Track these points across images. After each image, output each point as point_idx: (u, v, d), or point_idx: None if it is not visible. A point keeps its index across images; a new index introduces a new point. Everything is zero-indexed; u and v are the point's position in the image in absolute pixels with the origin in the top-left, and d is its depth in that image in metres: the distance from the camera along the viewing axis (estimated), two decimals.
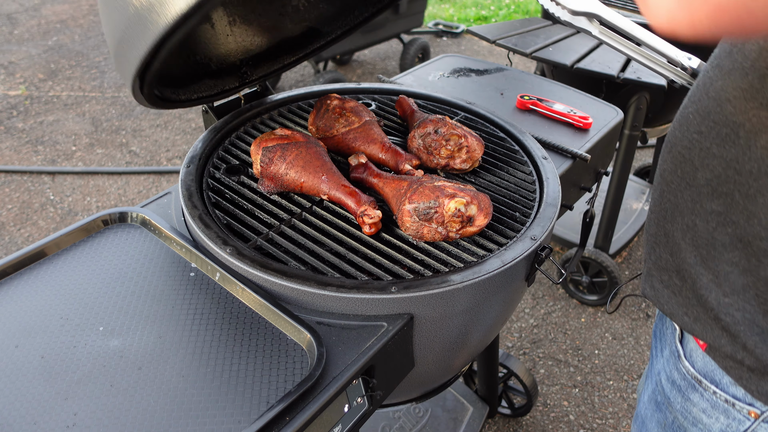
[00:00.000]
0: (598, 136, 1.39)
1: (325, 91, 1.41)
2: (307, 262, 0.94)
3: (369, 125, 1.17)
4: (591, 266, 2.37)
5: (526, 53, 1.92)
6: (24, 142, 3.44)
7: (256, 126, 1.29)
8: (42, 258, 0.95)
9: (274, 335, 0.83)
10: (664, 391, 0.85)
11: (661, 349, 0.89)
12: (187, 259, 0.96)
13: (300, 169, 1.03)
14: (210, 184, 1.09)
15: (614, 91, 2.06)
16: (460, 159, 1.12)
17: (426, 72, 1.69)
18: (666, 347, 0.87)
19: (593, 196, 1.40)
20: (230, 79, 1.23)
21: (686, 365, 0.80)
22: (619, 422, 2.00)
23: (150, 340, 0.82)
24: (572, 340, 2.30)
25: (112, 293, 0.89)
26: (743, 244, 0.66)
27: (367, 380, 0.84)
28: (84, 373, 0.76)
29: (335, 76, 3.74)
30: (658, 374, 0.88)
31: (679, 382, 0.82)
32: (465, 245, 0.99)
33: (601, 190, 2.74)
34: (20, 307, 0.86)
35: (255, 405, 0.73)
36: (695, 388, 0.79)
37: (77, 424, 0.70)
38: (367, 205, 0.97)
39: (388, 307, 0.86)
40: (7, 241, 2.69)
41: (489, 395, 1.84)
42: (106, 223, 1.03)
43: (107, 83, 4.15)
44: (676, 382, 0.82)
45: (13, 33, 4.93)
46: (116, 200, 3.00)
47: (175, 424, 0.71)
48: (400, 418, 1.74)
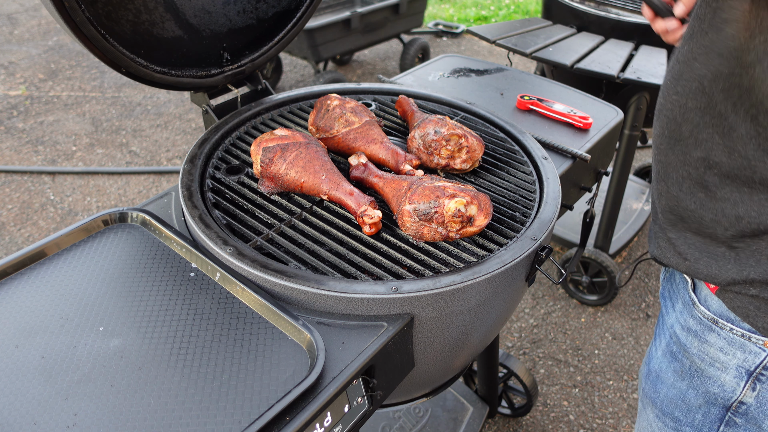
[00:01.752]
0: (598, 136, 1.39)
1: (325, 92, 1.41)
2: (308, 262, 0.94)
3: (369, 125, 1.17)
4: (591, 266, 2.37)
5: (526, 53, 1.92)
6: (24, 142, 3.44)
7: (256, 126, 1.29)
8: (42, 258, 0.95)
9: (274, 335, 0.83)
10: (680, 340, 0.90)
11: (672, 305, 0.94)
12: (188, 259, 0.96)
13: (300, 169, 1.03)
14: (210, 185, 1.09)
15: (614, 91, 2.06)
16: (461, 159, 1.12)
17: (426, 72, 1.69)
18: (678, 301, 0.92)
19: (593, 196, 1.40)
20: (213, 61, 1.27)
21: (701, 309, 0.85)
22: (619, 422, 2.00)
23: (150, 340, 0.82)
24: (572, 340, 2.30)
25: (112, 293, 0.89)
26: (730, 179, 0.75)
27: (367, 380, 0.84)
28: (84, 373, 0.76)
29: (335, 77, 3.74)
30: (671, 327, 0.93)
31: (695, 327, 0.87)
32: (465, 245, 0.99)
33: (601, 190, 2.74)
34: (20, 307, 0.86)
35: (255, 405, 0.73)
36: (711, 329, 0.84)
37: (77, 424, 0.70)
38: (367, 205, 0.97)
39: (388, 307, 0.86)
40: (7, 241, 2.70)
41: (489, 395, 1.84)
42: (107, 223, 1.03)
43: (107, 83, 4.15)
44: (692, 328, 0.87)
45: (14, 33, 4.93)
46: (116, 200, 3.00)
47: (175, 424, 0.71)
48: (400, 418, 1.74)
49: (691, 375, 0.89)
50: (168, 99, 3.96)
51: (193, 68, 1.21)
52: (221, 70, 1.26)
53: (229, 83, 1.31)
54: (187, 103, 3.91)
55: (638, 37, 2.07)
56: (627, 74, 1.80)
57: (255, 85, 1.37)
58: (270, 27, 1.34)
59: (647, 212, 2.78)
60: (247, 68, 1.30)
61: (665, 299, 0.99)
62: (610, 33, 2.12)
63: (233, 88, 1.35)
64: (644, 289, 2.54)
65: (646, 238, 2.82)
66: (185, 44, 1.21)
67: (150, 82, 1.14)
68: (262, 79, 1.37)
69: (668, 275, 1.00)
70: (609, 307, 2.45)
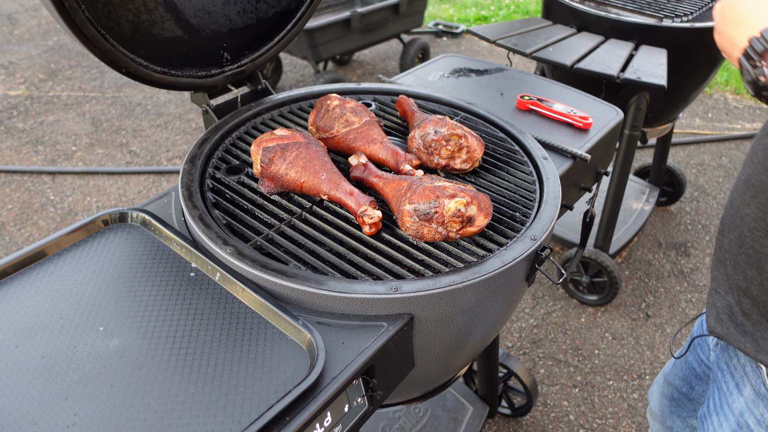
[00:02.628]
0: (598, 136, 1.39)
1: (325, 92, 1.41)
2: (308, 262, 0.94)
3: (369, 125, 1.17)
4: (591, 266, 2.37)
5: (526, 53, 1.92)
6: (24, 142, 3.44)
7: (256, 126, 1.29)
8: (42, 258, 0.95)
9: (274, 335, 0.83)
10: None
11: (736, 387, 0.92)
12: (187, 259, 0.96)
13: (300, 169, 1.03)
14: (210, 185, 1.09)
15: (614, 91, 2.06)
16: (461, 159, 1.12)
17: (426, 72, 1.69)
18: (745, 385, 0.89)
19: (593, 196, 1.40)
20: (213, 62, 1.27)
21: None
22: (618, 422, 2.00)
23: (150, 340, 0.82)
24: (572, 340, 2.30)
25: (112, 293, 0.89)
26: None
27: (367, 380, 0.84)
28: (84, 373, 0.76)
29: (335, 77, 3.74)
30: (740, 415, 0.90)
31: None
32: (465, 245, 0.99)
33: (601, 190, 2.74)
34: (20, 307, 0.86)
35: (255, 405, 0.73)
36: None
37: (77, 424, 0.70)
38: (367, 205, 0.97)
39: (388, 307, 0.86)
40: (7, 241, 2.70)
41: (489, 395, 1.84)
42: (107, 223, 1.03)
43: (107, 83, 4.15)
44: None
45: (14, 33, 4.93)
46: (116, 200, 3.00)
47: (175, 424, 0.71)
48: (400, 418, 1.74)
49: None
50: (168, 99, 3.96)
51: (193, 68, 1.21)
52: (221, 70, 1.26)
53: (229, 83, 1.32)
54: (187, 103, 3.91)
55: (638, 37, 2.07)
56: (627, 74, 1.80)
57: (255, 85, 1.37)
58: (270, 27, 1.34)
59: (647, 212, 2.78)
60: (247, 68, 1.30)
61: (723, 373, 0.96)
62: (610, 33, 2.12)
63: (233, 88, 1.35)
64: (644, 289, 2.54)
65: (646, 238, 2.82)
66: (185, 44, 1.21)
67: (150, 82, 1.14)
68: (262, 79, 1.37)
69: (725, 346, 0.97)
70: (609, 307, 2.45)
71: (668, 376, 1.24)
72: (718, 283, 0.88)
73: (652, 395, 1.33)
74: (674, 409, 1.25)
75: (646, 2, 2.24)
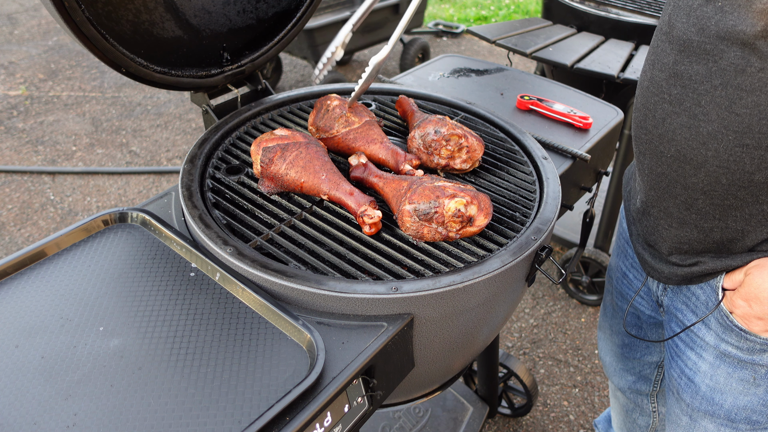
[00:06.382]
0: (599, 136, 1.39)
1: (325, 91, 1.41)
2: (308, 262, 0.94)
3: (369, 125, 1.17)
4: (591, 266, 2.37)
5: (526, 53, 1.92)
6: (24, 142, 3.44)
7: (256, 126, 1.29)
8: (42, 258, 0.95)
9: (274, 335, 0.83)
10: (740, 357, 0.92)
11: (703, 322, 0.96)
12: (187, 259, 0.96)
13: (300, 169, 1.03)
14: (210, 185, 1.09)
15: (614, 91, 2.06)
16: (461, 159, 1.12)
17: (426, 72, 1.69)
18: (710, 319, 0.94)
19: (593, 196, 1.40)
20: (213, 62, 1.27)
21: (753, 338, 0.88)
22: None
23: (150, 340, 0.82)
24: (572, 340, 2.30)
25: (112, 293, 0.89)
26: None
27: (367, 380, 0.84)
28: (84, 373, 0.76)
29: (335, 76, 3.74)
30: (716, 347, 0.95)
31: (754, 347, 0.89)
32: (465, 245, 0.99)
33: (601, 190, 2.74)
34: (20, 307, 0.86)
35: (255, 405, 0.73)
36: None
37: (77, 424, 0.70)
38: (367, 205, 0.97)
39: (389, 307, 0.86)
40: (7, 241, 2.70)
41: (489, 395, 1.84)
42: (107, 223, 1.03)
43: (107, 83, 4.15)
44: (750, 348, 0.90)
45: (14, 33, 4.93)
46: (116, 200, 3.00)
47: (175, 424, 0.71)
48: (400, 418, 1.74)
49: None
50: (168, 99, 3.96)
51: (193, 68, 1.21)
52: (221, 70, 1.26)
53: (229, 83, 1.32)
54: (187, 103, 3.91)
55: (638, 37, 2.07)
56: (627, 74, 1.80)
57: (255, 85, 1.37)
58: (270, 27, 1.34)
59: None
60: (247, 68, 1.30)
61: (683, 313, 1.00)
62: (610, 33, 2.12)
63: (233, 88, 1.35)
64: None
65: None
66: (185, 44, 1.21)
67: (150, 82, 1.14)
68: (262, 79, 1.37)
69: (676, 289, 1.02)
70: None
71: (614, 327, 1.33)
72: (665, 242, 0.95)
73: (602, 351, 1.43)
74: (628, 353, 1.32)
75: (646, 2, 2.24)
